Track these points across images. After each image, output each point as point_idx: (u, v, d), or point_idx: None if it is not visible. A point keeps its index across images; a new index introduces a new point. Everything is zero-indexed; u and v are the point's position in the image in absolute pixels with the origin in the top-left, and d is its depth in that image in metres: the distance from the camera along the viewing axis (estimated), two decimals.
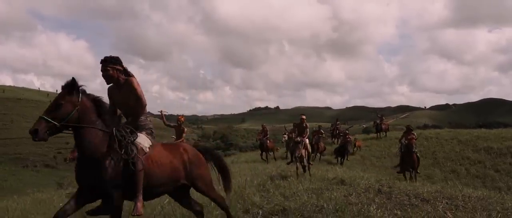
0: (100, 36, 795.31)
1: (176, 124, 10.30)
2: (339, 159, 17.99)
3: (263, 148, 17.78)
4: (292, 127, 19.22)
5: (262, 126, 19.31)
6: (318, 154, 18.85)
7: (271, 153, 19.10)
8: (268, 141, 17.92)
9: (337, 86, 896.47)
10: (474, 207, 5.48)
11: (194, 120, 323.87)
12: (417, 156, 12.76)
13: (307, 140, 10.10)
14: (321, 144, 19.05)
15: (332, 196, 5.96)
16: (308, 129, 10.28)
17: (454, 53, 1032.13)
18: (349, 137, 19.11)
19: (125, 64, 4.12)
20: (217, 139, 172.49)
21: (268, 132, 18.55)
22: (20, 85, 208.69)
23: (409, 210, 5.08)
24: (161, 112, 10.18)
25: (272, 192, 6.78)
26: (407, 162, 12.55)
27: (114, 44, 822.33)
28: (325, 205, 5.06)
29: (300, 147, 9.46)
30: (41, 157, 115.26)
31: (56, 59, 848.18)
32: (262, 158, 17.79)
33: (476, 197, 6.51)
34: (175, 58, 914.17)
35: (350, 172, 11.05)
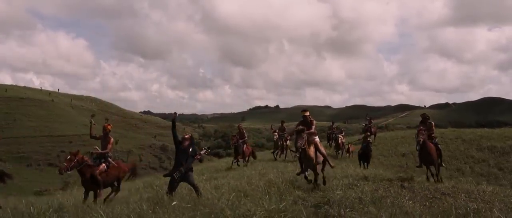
0: (100, 35, 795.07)
1: (102, 134, 8.99)
2: (363, 163, 16.76)
3: (237, 152, 15.18)
4: (280, 125, 18.60)
5: (238, 126, 17.10)
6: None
7: (250, 158, 16.65)
8: (245, 145, 15.61)
9: (336, 85, 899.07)
10: (490, 200, 6.23)
11: (194, 119, 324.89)
12: (438, 147, 10.47)
13: (317, 138, 8.20)
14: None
15: (364, 190, 6.70)
16: (314, 126, 8.30)
17: (454, 52, 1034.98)
18: (370, 140, 18.07)
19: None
20: (218, 137, 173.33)
21: (246, 134, 16.36)
22: (20, 83, 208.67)
23: (437, 201, 5.83)
24: (91, 121, 9.33)
25: (306, 187, 7.50)
26: (423, 156, 10.33)
27: (114, 43, 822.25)
28: (363, 197, 5.81)
29: (304, 136, 7.37)
30: (44, 156, 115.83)
31: (55, 58, 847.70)
32: (237, 164, 15.18)
33: (490, 191, 7.28)
34: (175, 57, 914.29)
35: (365, 170, 11.77)
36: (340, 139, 21.22)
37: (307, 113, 8.66)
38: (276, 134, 17.81)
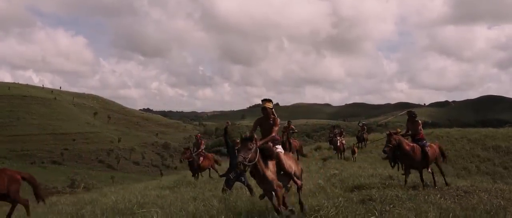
0: (99, 33, 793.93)
1: None
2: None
3: (193, 167, 13.02)
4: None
5: (196, 136, 14.81)
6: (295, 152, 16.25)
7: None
8: (201, 158, 13.25)
9: (336, 83, 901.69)
10: (510, 197, 7.02)
11: (194, 117, 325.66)
12: (424, 150, 8.42)
13: (280, 147, 5.77)
14: (294, 141, 16.64)
15: (396, 188, 7.51)
16: (277, 127, 5.83)
17: (453, 50, 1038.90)
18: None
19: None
20: (219, 135, 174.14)
21: (203, 144, 14.13)
22: (19, 81, 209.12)
23: (463, 198, 6.64)
24: None
25: (338, 186, 8.30)
26: (404, 160, 8.75)
27: (113, 40, 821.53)
28: (399, 194, 6.61)
29: (251, 146, 5.04)
30: (48, 154, 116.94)
31: (55, 56, 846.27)
32: (194, 179, 12.74)
33: (507, 189, 8.07)
34: (174, 54, 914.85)
35: (388, 170, 12.48)
36: (339, 141, 19.50)
37: (270, 105, 5.97)
38: None
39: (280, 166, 5.48)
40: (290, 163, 5.71)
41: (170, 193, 9.28)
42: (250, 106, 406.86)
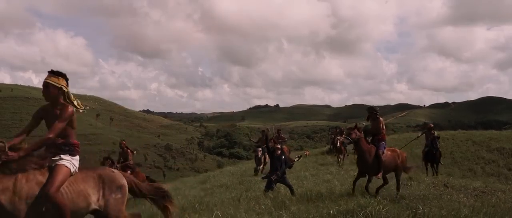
0: (99, 34, 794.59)
1: None
2: (431, 165, 14.58)
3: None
4: (261, 136, 15.11)
5: (121, 144, 12.80)
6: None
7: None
8: (129, 171, 11.06)
9: (336, 84, 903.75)
10: None
11: (194, 118, 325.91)
12: (378, 153, 7.60)
13: (66, 158, 3.75)
14: (285, 147, 15.29)
15: (419, 188, 8.24)
16: (64, 123, 3.73)
17: (452, 51, 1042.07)
18: (434, 133, 15.10)
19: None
20: (221, 137, 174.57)
21: (132, 156, 12.31)
22: (19, 82, 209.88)
23: (482, 198, 7.38)
24: None
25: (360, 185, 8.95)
26: (359, 163, 7.87)
27: (113, 41, 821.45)
28: (425, 194, 7.34)
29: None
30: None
31: (54, 57, 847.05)
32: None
33: None
34: (174, 55, 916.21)
35: None
36: (338, 141, 17.38)
37: (59, 82, 3.81)
38: (260, 150, 14.59)
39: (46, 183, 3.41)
40: (70, 190, 3.57)
41: (205, 195, 9.94)
42: (250, 108, 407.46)
